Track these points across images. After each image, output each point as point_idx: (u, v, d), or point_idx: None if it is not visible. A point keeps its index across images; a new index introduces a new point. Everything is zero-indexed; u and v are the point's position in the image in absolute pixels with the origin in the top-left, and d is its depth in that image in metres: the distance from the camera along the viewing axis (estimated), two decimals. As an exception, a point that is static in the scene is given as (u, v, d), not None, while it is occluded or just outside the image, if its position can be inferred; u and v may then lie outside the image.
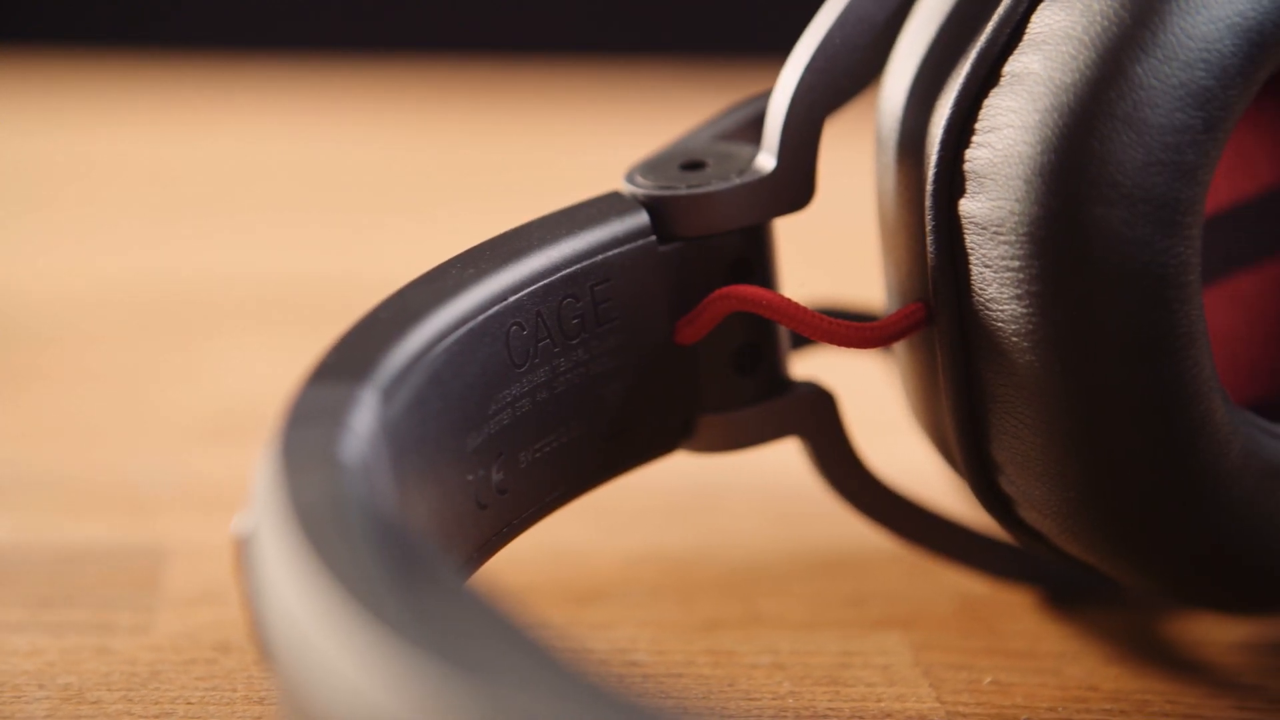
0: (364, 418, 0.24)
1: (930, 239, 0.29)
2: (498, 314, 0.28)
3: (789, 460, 0.33)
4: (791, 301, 0.30)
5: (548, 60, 0.83)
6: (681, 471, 0.34)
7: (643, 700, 0.18)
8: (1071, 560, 0.31)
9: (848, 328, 0.30)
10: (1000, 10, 0.29)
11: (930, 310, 0.29)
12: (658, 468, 0.31)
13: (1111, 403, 0.28)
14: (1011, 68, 0.28)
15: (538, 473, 0.29)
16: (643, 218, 0.30)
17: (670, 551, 0.37)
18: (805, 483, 0.33)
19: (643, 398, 0.30)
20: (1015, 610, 0.34)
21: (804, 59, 0.30)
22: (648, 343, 0.30)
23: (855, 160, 0.35)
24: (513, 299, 0.28)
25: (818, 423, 0.32)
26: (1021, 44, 0.28)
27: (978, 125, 0.28)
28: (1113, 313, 0.27)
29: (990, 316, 0.28)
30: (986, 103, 0.28)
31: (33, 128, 0.74)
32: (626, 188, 0.30)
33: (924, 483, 0.34)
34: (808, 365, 0.34)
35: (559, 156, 0.69)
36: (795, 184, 0.30)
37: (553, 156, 0.70)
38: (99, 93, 0.77)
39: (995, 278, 0.28)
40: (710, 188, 0.30)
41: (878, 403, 0.38)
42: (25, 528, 0.37)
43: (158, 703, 0.30)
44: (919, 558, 0.34)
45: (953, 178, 0.29)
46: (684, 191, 0.30)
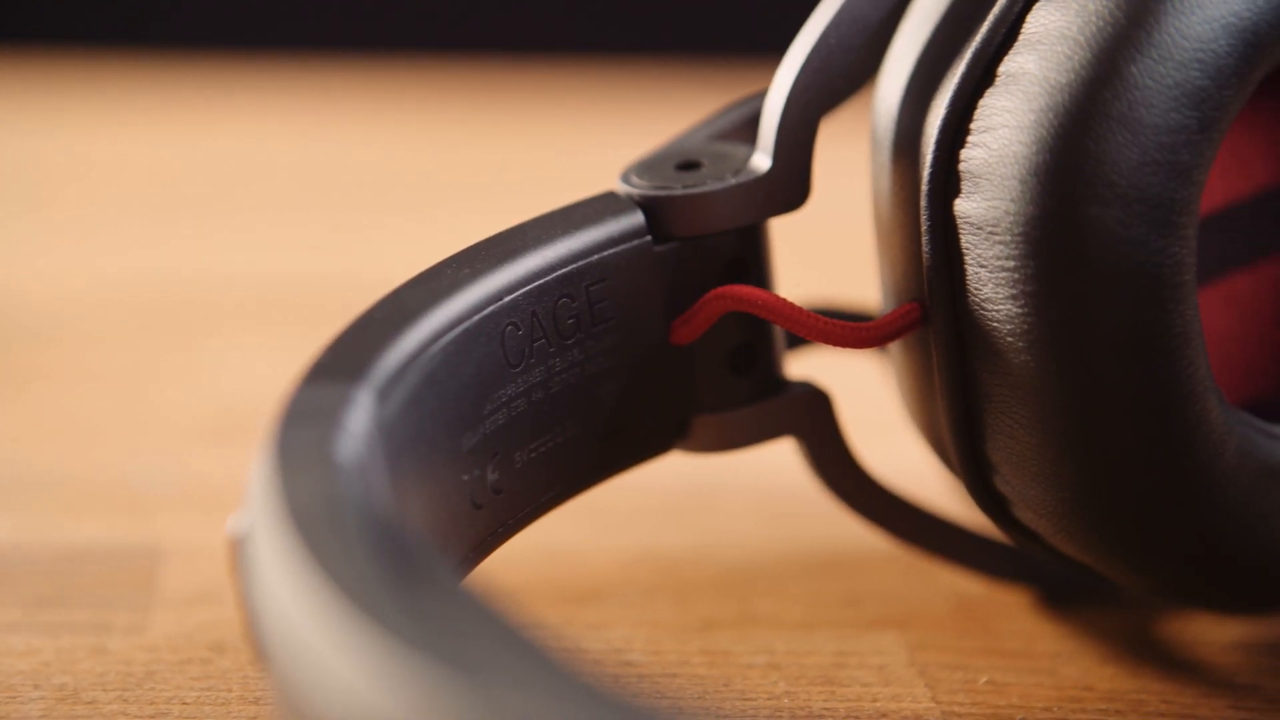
0: (359, 418, 0.24)
1: (925, 239, 0.29)
2: (493, 314, 0.28)
3: (784, 460, 0.33)
4: (787, 301, 0.30)
5: (548, 60, 0.83)
6: (677, 472, 0.34)
7: (638, 700, 0.18)
8: (1067, 560, 0.30)
9: (843, 328, 0.30)
10: (995, 10, 0.29)
11: (925, 310, 0.29)
12: (653, 468, 0.31)
13: (1106, 403, 0.28)
14: (1007, 68, 0.28)
15: (533, 473, 0.29)
16: (638, 218, 0.30)
17: (666, 551, 0.37)
18: (800, 483, 0.33)
19: (638, 398, 0.30)
20: (1011, 610, 0.34)
21: (799, 59, 0.30)
22: (643, 343, 0.30)
23: (850, 160, 0.35)
24: (508, 299, 0.28)
25: (813, 423, 0.32)
26: (1016, 44, 0.28)
27: (973, 125, 0.28)
28: (1108, 313, 0.27)
29: (985, 316, 0.28)
30: (982, 103, 0.28)
31: (33, 128, 0.74)
32: (622, 188, 0.30)
33: (919, 483, 0.34)
34: (803, 365, 0.34)
35: (559, 156, 0.69)
36: (790, 184, 0.30)
37: (553, 156, 0.70)
38: (99, 93, 0.77)
39: (990, 278, 0.28)
40: (705, 188, 0.30)
41: (873, 403, 0.38)
42: (22, 528, 0.37)
43: (153, 703, 0.30)
44: (914, 558, 0.34)
45: (948, 178, 0.29)
46: (679, 191, 0.30)
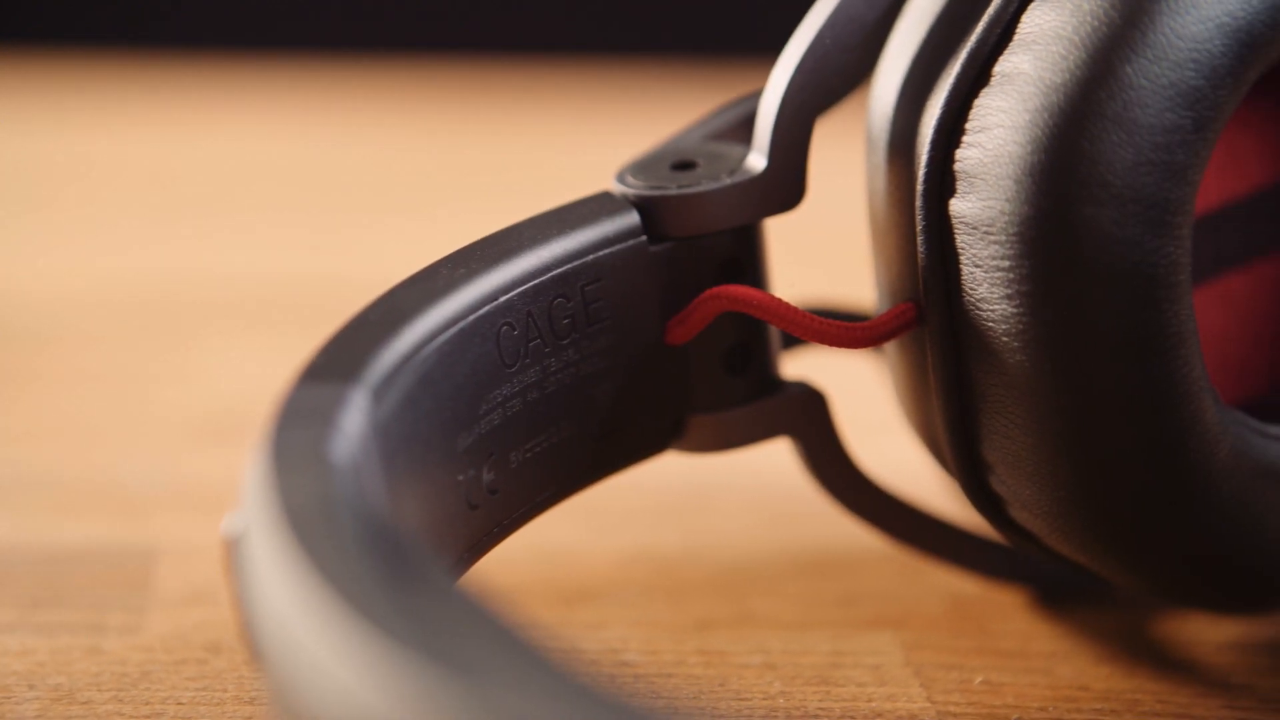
0: (354, 418, 0.24)
1: (921, 239, 0.29)
2: (488, 314, 0.28)
3: (780, 460, 0.33)
4: (782, 301, 0.30)
5: (547, 60, 0.83)
6: (672, 471, 0.34)
7: (633, 700, 0.18)
8: (1062, 560, 0.30)
9: (838, 328, 0.30)
10: (990, 10, 0.29)
11: (921, 310, 0.29)
12: (649, 468, 0.31)
13: (1102, 402, 0.28)
14: (1002, 68, 0.28)
15: (528, 473, 0.29)
16: (633, 218, 0.30)
17: (661, 551, 0.37)
18: (796, 483, 0.33)
19: (633, 398, 0.30)
20: (1006, 610, 0.34)
21: (794, 59, 0.30)
22: (638, 343, 0.30)
23: (846, 160, 0.35)
24: (503, 299, 0.28)
25: (808, 423, 0.32)
26: (1012, 44, 0.28)
27: (968, 125, 0.28)
28: (1103, 313, 0.27)
29: (981, 316, 0.28)
30: (977, 103, 0.28)
31: (33, 128, 0.74)
32: (617, 188, 0.30)
33: (915, 482, 0.34)
34: (798, 365, 0.33)
35: (558, 156, 0.69)
36: (786, 184, 0.30)
37: (552, 156, 0.70)
38: (99, 93, 0.77)
39: (986, 278, 0.28)
40: (701, 188, 0.30)
41: (868, 403, 0.38)
42: (17, 528, 0.37)
43: (148, 703, 0.30)
44: (910, 557, 0.34)
45: (943, 178, 0.29)
46: (675, 191, 0.30)
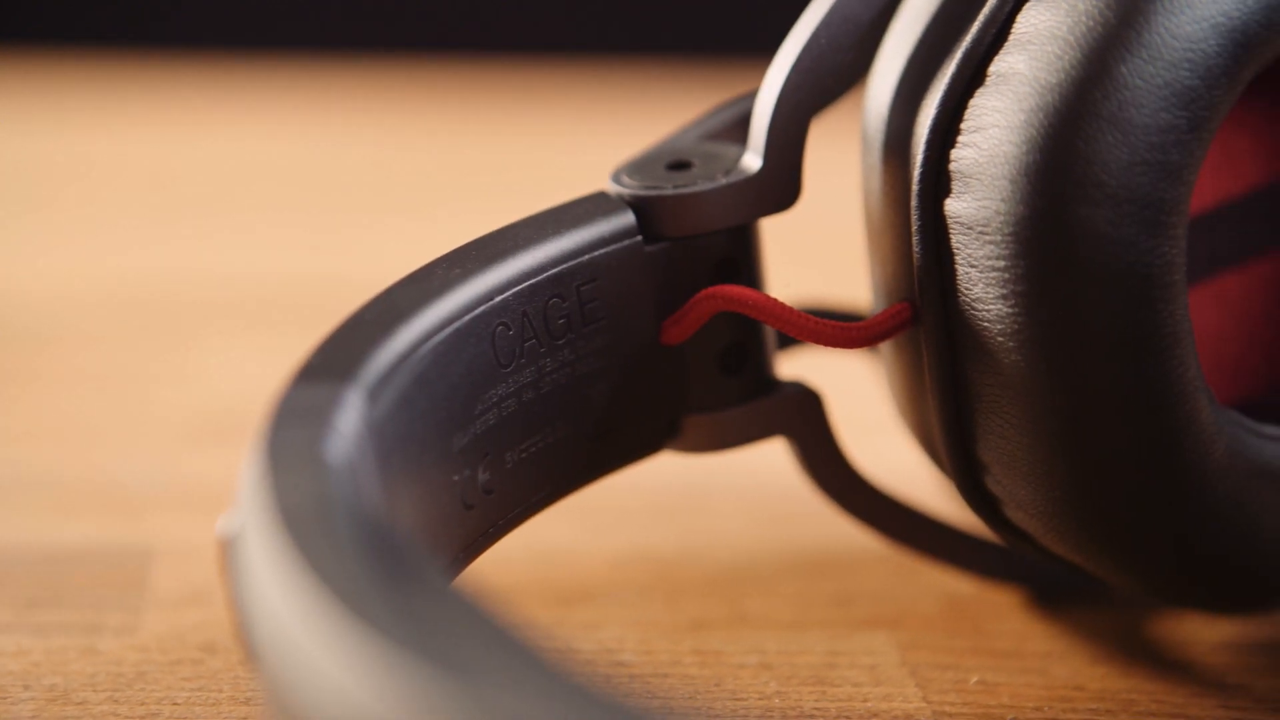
0: (349, 418, 0.24)
1: (916, 239, 0.29)
2: (484, 314, 0.28)
3: (775, 460, 0.33)
4: (777, 301, 0.30)
5: (547, 60, 0.83)
6: (668, 472, 0.34)
7: (629, 700, 0.18)
8: (1058, 560, 0.30)
9: (834, 328, 0.30)
10: (985, 10, 0.29)
11: (916, 310, 0.29)
12: (644, 468, 0.31)
13: (1097, 402, 0.28)
14: (997, 68, 0.28)
15: (524, 473, 0.29)
16: (629, 218, 0.30)
17: (657, 552, 0.36)
18: (792, 483, 0.33)
19: (629, 398, 0.30)
20: (1001, 610, 0.34)
21: (790, 59, 0.30)
22: (634, 343, 0.30)
23: (841, 160, 0.35)
24: (499, 299, 0.28)
25: (804, 423, 0.32)
26: (1007, 44, 0.28)
27: (963, 125, 0.28)
28: (1098, 312, 0.27)
29: (976, 316, 0.28)
30: (972, 103, 0.28)
31: (33, 128, 0.74)
32: (613, 188, 0.30)
33: (910, 482, 0.34)
34: (794, 365, 0.34)
35: (558, 156, 0.69)
36: (781, 184, 0.30)
37: (552, 156, 0.70)
38: (99, 93, 0.77)
39: (981, 278, 0.28)
40: (696, 188, 0.30)
41: (864, 403, 0.38)
42: (15, 528, 0.37)
43: (144, 703, 0.30)
44: (905, 557, 0.34)
45: (938, 178, 0.29)
46: (670, 191, 0.30)
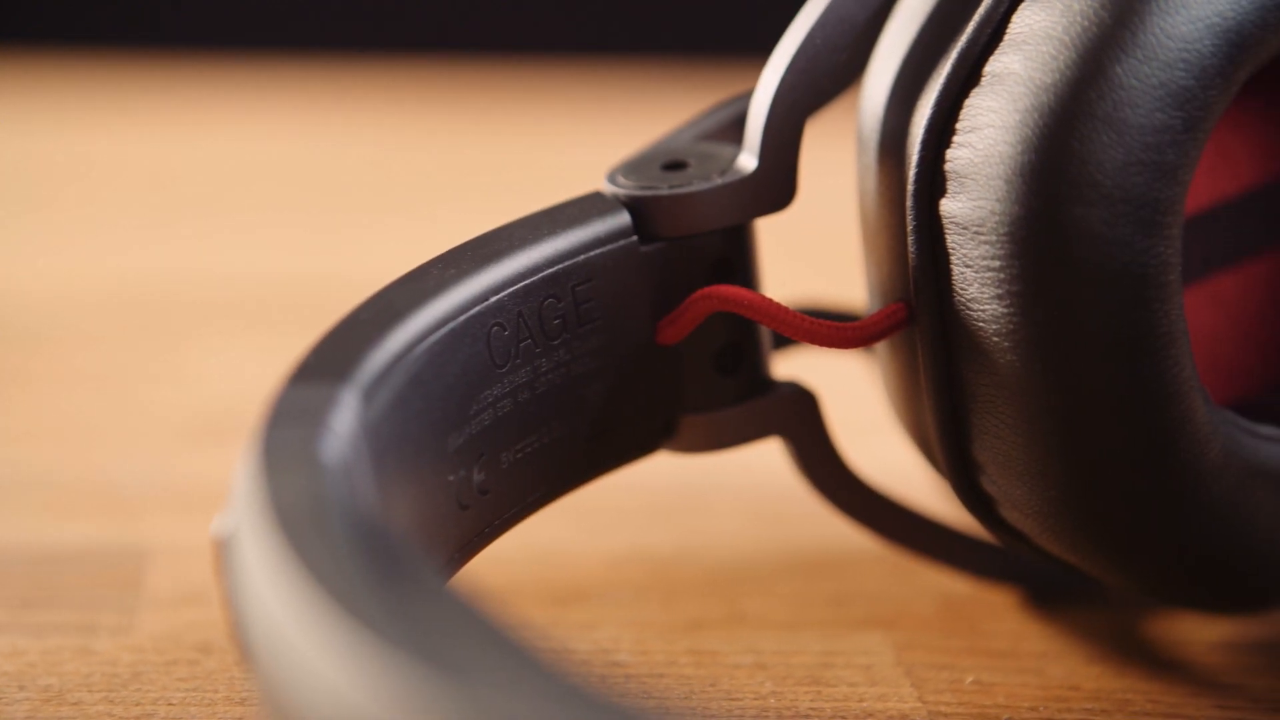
0: (344, 418, 0.24)
1: (911, 239, 0.29)
2: (479, 314, 0.28)
3: (771, 460, 0.33)
4: (773, 302, 0.30)
5: (546, 60, 0.83)
6: (664, 472, 0.34)
7: (625, 700, 0.18)
8: (1053, 560, 0.30)
9: (829, 328, 0.30)
10: (981, 10, 0.29)
11: (912, 310, 0.29)
12: (640, 468, 0.31)
13: (1092, 402, 0.28)
14: (992, 68, 0.28)
15: (519, 473, 0.29)
16: (624, 218, 0.30)
17: (653, 552, 0.36)
18: (787, 483, 0.33)
19: (624, 398, 0.30)
20: (997, 610, 0.34)
21: (785, 59, 0.30)
22: (629, 343, 0.30)
23: (837, 160, 0.35)
24: (494, 299, 0.28)
25: (800, 423, 0.32)
26: (1002, 44, 0.28)
27: (958, 125, 0.28)
28: (1093, 312, 0.27)
29: (971, 316, 0.28)
30: (967, 103, 0.28)
31: (33, 128, 0.74)
32: (608, 188, 0.30)
33: (906, 483, 0.34)
34: (790, 365, 0.34)
35: (557, 156, 0.69)
36: (777, 184, 0.30)
37: (550, 156, 0.70)
38: (99, 93, 0.77)
39: (976, 278, 0.28)
40: (692, 188, 0.30)
41: (860, 403, 0.38)
42: (8, 528, 0.37)
43: (139, 704, 0.30)
44: (901, 557, 0.34)
45: (934, 178, 0.29)
46: (665, 192, 0.30)
